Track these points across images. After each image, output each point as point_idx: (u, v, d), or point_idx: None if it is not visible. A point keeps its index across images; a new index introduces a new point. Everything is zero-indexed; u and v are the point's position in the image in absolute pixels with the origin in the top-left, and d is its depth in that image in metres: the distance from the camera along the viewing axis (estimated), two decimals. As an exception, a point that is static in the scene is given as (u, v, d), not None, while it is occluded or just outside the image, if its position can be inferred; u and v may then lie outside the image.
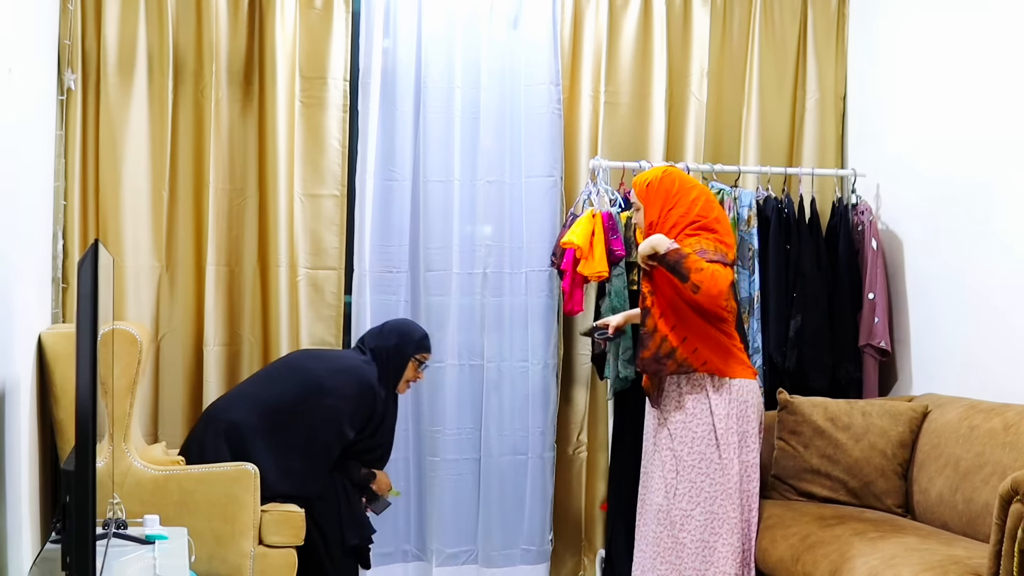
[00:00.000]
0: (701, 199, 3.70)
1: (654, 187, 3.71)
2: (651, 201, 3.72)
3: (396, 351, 3.93)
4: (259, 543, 3.72)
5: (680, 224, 3.66)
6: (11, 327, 3.05)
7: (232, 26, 4.39)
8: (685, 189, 3.71)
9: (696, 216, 3.66)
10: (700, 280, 3.51)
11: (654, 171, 3.81)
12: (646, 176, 3.78)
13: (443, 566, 4.56)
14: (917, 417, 3.93)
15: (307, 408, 3.76)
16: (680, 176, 3.76)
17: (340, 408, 3.78)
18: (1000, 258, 3.92)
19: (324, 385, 3.80)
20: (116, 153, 4.27)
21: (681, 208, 3.67)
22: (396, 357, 3.93)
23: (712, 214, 3.70)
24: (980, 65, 4.05)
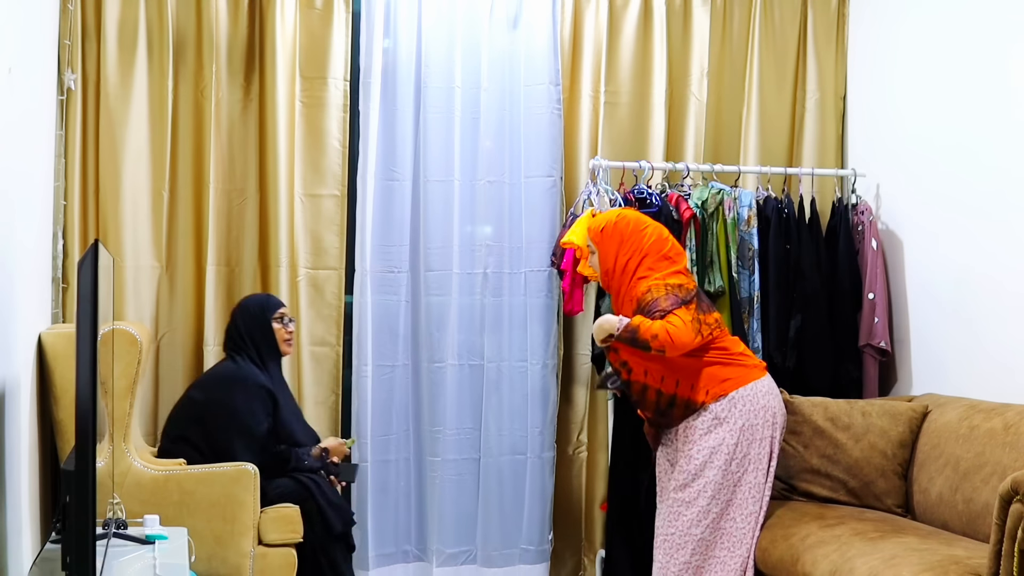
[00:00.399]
0: (653, 236, 3.77)
1: (608, 231, 3.79)
2: (605, 245, 3.80)
3: (256, 326, 4.00)
4: (259, 543, 3.73)
5: (632, 264, 3.73)
6: (11, 327, 3.05)
7: (232, 26, 4.39)
8: (638, 230, 3.77)
9: (647, 251, 3.73)
10: (660, 346, 3.57)
11: (608, 215, 3.88)
12: (599, 221, 3.86)
13: (443, 566, 4.55)
14: (917, 417, 3.93)
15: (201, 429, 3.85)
16: (634, 217, 3.84)
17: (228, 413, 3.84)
18: (1000, 258, 3.92)
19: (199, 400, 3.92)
20: (116, 153, 4.27)
21: (634, 248, 3.74)
22: (258, 331, 4.00)
23: (664, 248, 3.76)
24: (980, 65, 4.05)
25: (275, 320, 4.03)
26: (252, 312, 4.03)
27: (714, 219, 4.42)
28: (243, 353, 3.97)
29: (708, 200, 4.42)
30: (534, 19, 4.62)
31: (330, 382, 4.48)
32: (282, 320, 4.05)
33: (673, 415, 3.68)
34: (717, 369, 3.67)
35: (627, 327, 3.61)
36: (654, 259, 3.73)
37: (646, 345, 3.59)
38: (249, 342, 3.98)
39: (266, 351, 4.00)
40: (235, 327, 4.03)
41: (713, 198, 4.42)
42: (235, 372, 3.94)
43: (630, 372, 3.73)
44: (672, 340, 3.56)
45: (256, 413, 3.86)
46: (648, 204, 4.41)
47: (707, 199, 4.42)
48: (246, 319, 4.02)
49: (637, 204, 4.39)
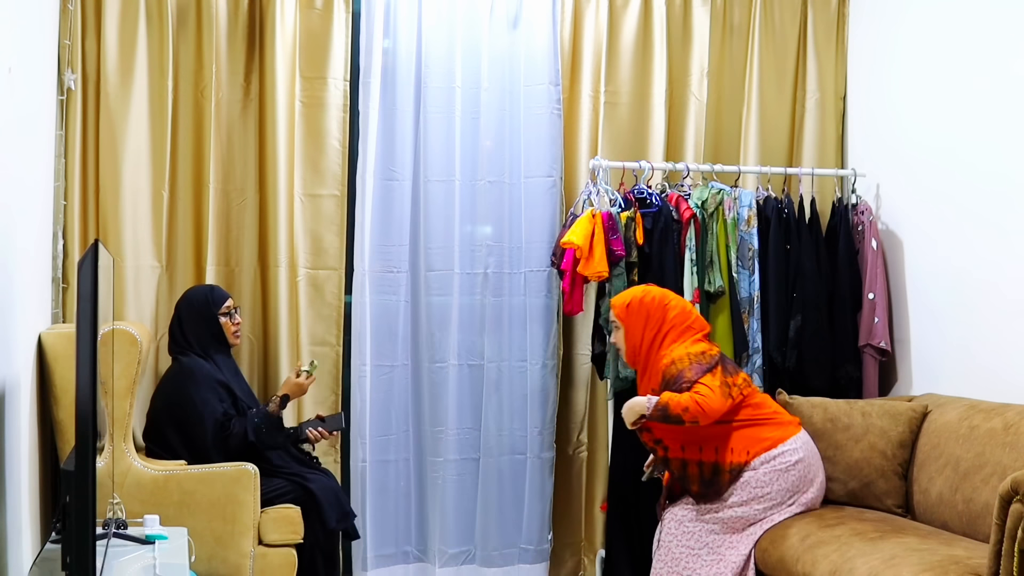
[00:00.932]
0: (677, 309, 3.84)
1: (634, 308, 3.85)
2: (631, 321, 3.85)
3: (202, 322, 3.99)
4: (259, 543, 3.73)
5: (658, 339, 3.80)
6: (11, 327, 3.05)
7: (232, 26, 4.39)
8: (663, 305, 3.84)
9: (672, 323, 3.79)
10: (692, 418, 3.60)
11: (633, 292, 3.93)
12: (624, 298, 3.91)
13: (444, 567, 4.55)
14: (917, 417, 3.93)
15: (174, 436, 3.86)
16: (659, 293, 3.89)
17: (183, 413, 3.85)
18: (1000, 257, 3.92)
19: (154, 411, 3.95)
20: (116, 153, 4.26)
21: (658, 322, 3.81)
22: (206, 326, 3.99)
23: (688, 320, 3.83)
24: (980, 64, 4.05)
25: (221, 314, 4.02)
26: (197, 307, 4.01)
27: (714, 219, 4.42)
28: (189, 351, 3.97)
29: (708, 200, 4.42)
30: (534, 19, 4.62)
31: (330, 382, 4.48)
32: (229, 314, 4.04)
33: (721, 483, 3.69)
34: (754, 430, 3.70)
35: (656, 406, 3.64)
36: (678, 331, 3.79)
37: (679, 419, 3.61)
38: (193, 339, 3.97)
39: (213, 346, 3.99)
40: (180, 326, 4.01)
41: (713, 198, 4.42)
42: (178, 373, 3.94)
43: (666, 450, 3.75)
44: (703, 410, 3.59)
45: (208, 402, 3.86)
46: (648, 204, 4.42)
47: (707, 199, 4.42)
48: (191, 315, 4.00)
49: (637, 204, 4.39)
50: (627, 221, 4.33)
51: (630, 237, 4.32)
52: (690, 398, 3.61)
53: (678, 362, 3.70)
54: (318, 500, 3.85)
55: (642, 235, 4.34)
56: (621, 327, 3.88)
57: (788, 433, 3.73)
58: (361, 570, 4.46)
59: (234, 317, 4.06)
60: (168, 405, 3.92)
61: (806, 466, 3.71)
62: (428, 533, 4.58)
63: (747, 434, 3.70)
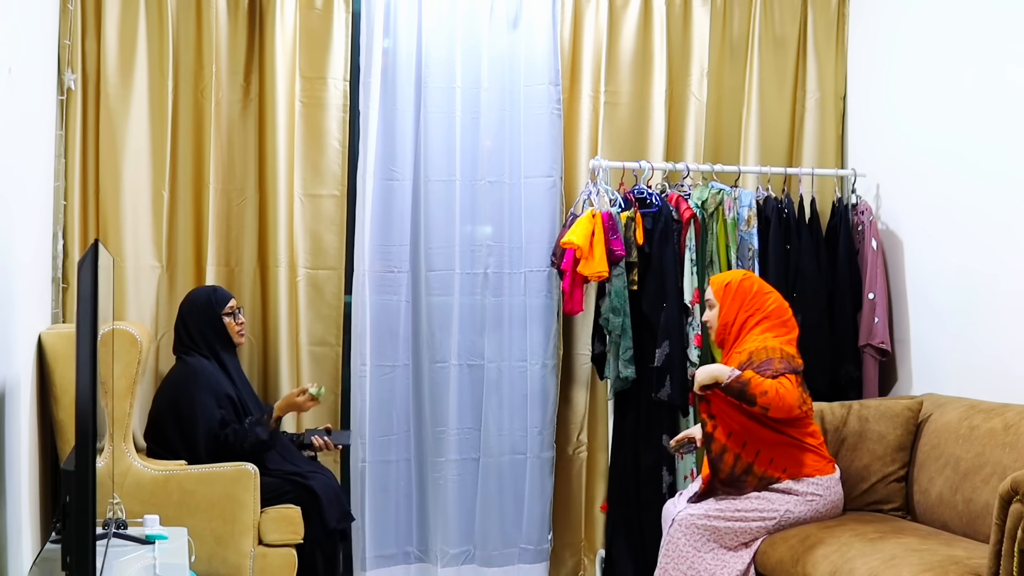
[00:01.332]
0: (776, 303, 3.84)
1: (732, 288, 3.84)
2: (727, 301, 3.83)
3: (206, 322, 4.00)
4: (259, 543, 3.73)
5: (751, 323, 3.79)
6: (11, 327, 3.05)
7: (232, 26, 4.39)
8: (762, 292, 3.84)
9: (769, 313, 3.80)
10: (767, 403, 3.57)
11: (733, 273, 3.94)
12: (725, 277, 3.91)
13: (445, 567, 4.55)
14: (913, 417, 3.92)
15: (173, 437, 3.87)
16: (759, 280, 3.91)
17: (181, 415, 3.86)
18: (1000, 257, 3.92)
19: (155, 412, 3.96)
20: (116, 153, 4.26)
21: (756, 307, 3.80)
22: (210, 327, 4.00)
23: (784, 316, 3.83)
24: (980, 64, 4.05)
25: (225, 315, 4.03)
26: (201, 308, 4.03)
27: (714, 219, 4.42)
28: (194, 351, 3.98)
29: (708, 200, 4.42)
30: (534, 19, 4.62)
31: (329, 382, 4.48)
32: (232, 314, 4.05)
33: (746, 483, 3.68)
34: (799, 452, 3.70)
35: (738, 377, 3.60)
36: (773, 322, 3.79)
37: (752, 399, 3.57)
38: (200, 339, 3.99)
39: (219, 345, 4.02)
40: (184, 327, 4.03)
41: (713, 198, 4.42)
42: (182, 373, 3.95)
43: (715, 428, 3.73)
44: (781, 400, 3.56)
45: (206, 405, 3.86)
46: (648, 204, 4.42)
47: (707, 199, 4.42)
48: (194, 316, 4.02)
49: (637, 204, 4.39)
50: (627, 221, 4.34)
51: (630, 237, 4.32)
52: (773, 384, 3.57)
53: (770, 351, 3.68)
54: (319, 499, 3.85)
55: (642, 235, 4.35)
56: (716, 305, 3.87)
57: (826, 470, 3.72)
58: (361, 570, 4.46)
59: (237, 317, 4.07)
60: (169, 405, 3.93)
61: (826, 506, 3.71)
62: (429, 533, 4.58)
63: (791, 453, 3.69)
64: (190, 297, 4.11)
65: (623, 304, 4.28)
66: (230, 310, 4.05)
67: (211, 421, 3.85)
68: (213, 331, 4.00)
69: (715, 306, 3.87)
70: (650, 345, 4.34)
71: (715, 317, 3.87)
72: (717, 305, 3.86)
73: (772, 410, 3.57)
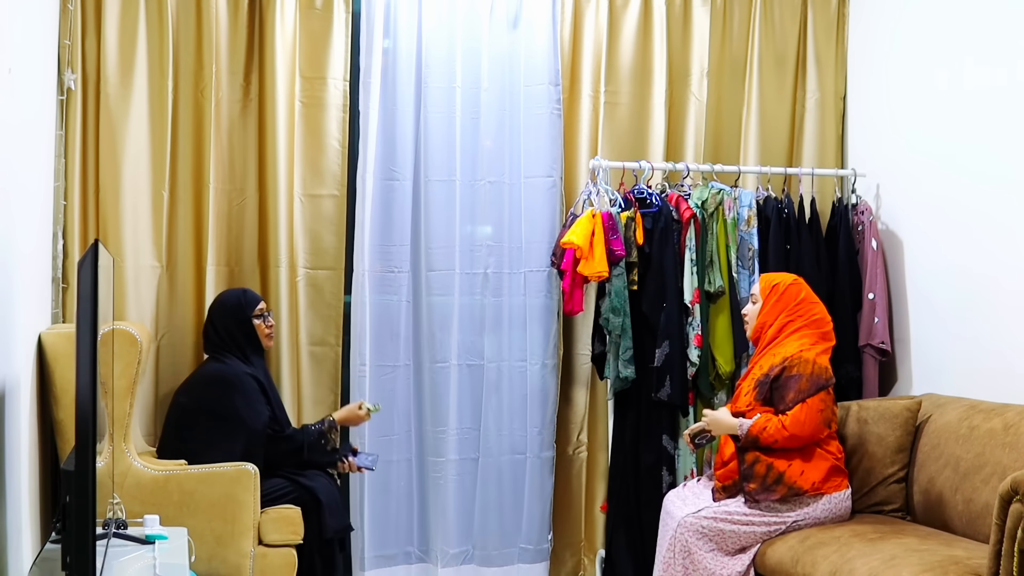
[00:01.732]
0: (818, 315, 3.87)
1: (779, 290, 3.87)
2: (772, 302, 3.87)
3: (235, 324, 4.00)
4: (259, 543, 3.73)
5: (791, 328, 3.83)
6: (11, 327, 3.05)
7: (232, 26, 4.39)
8: (808, 302, 3.88)
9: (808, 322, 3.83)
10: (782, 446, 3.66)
11: (784, 276, 3.97)
12: (775, 278, 3.94)
13: (445, 567, 4.55)
14: (912, 417, 3.92)
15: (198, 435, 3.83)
16: (807, 289, 3.92)
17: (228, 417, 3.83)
18: (1000, 257, 3.92)
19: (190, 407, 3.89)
20: (116, 153, 4.26)
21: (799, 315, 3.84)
22: (239, 328, 4.00)
23: (824, 328, 3.86)
24: (980, 64, 4.05)
25: (255, 317, 4.03)
26: (231, 310, 4.03)
27: (714, 219, 4.42)
28: (226, 351, 3.97)
29: (708, 200, 4.42)
30: (534, 19, 4.61)
31: (329, 382, 4.48)
32: (262, 316, 4.05)
33: (775, 493, 3.68)
34: (827, 465, 3.73)
35: (748, 435, 3.69)
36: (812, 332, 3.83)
37: (767, 448, 3.69)
38: (230, 341, 3.99)
39: (249, 348, 4.01)
40: (213, 328, 4.02)
41: (713, 198, 4.42)
42: (224, 371, 3.93)
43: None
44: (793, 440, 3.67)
45: (260, 413, 3.87)
46: (648, 204, 4.42)
47: (707, 199, 4.42)
48: (224, 318, 4.02)
49: (637, 204, 4.39)
50: (627, 221, 4.34)
51: (630, 237, 4.32)
52: (779, 430, 3.65)
53: (804, 364, 3.70)
54: (322, 504, 3.85)
55: (642, 235, 4.35)
56: (760, 302, 3.89)
57: (842, 485, 3.76)
58: (361, 570, 4.46)
59: (267, 319, 4.08)
60: (204, 406, 3.87)
61: (834, 519, 3.73)
62: (429, 533, 4.58)
63: (821, 466, 3.71)
64: (220, 299, 4.11)
65: (623, 304, 4.28)
66: (259, 312, 4.05)
67: (263, 422, 3.85)
68: (242, 333, 4.00)
69: (758, 302, 3.90)
70: (650, 345, 4.34)
71: (755, 314, 3.91)
72: (760, 302, 3.89)
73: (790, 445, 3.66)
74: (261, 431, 3.86)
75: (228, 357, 3.96)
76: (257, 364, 4.03)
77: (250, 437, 3.82)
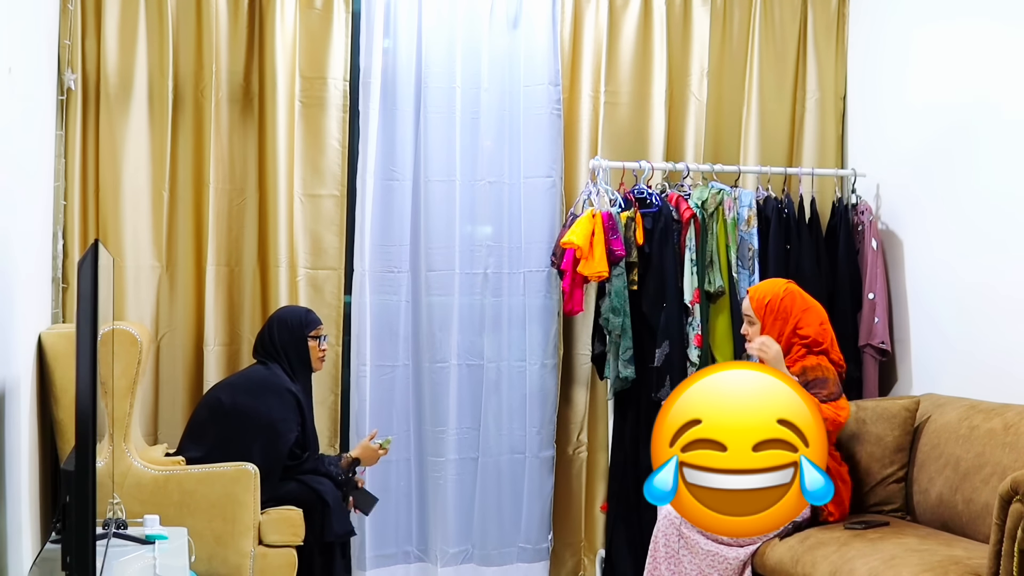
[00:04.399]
0: (817, 320, 3.78)
1: (773, 307, 3.79)
2: (769, 321, 3.79)
3: (291, 340, 3.98)
4: (259, 543, 3.73)
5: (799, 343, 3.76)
6: (11, 327, 3.05)
7: (232, 26, 4.39)
8: (803, 310, 3.79)
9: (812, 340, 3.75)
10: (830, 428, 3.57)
11: (773, 287, 3.85)
12: (764, 291, 3.84)
13: (445, 566, 4.55)
14: (911, 417, 3.92)
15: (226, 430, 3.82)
16: (800, 296, 3.83)
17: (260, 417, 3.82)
18: (1000, 257, 3.93)
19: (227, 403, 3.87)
20: (116, 153, 4.26)
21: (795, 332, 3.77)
22: (294, 345, 3.98)
23: (826, 340, 3.79)
24: (980, 64, 4.05)
25: (311, 338, 4.01)
26: (290, 326, 4.00)
27: (714, 219, 4.42)
28: (276, 361, 3.96)
29: (708, 200, 4.42)
30: (534, 19, 4.62)
31: (329, 382, 4.48)
32: (318, 339, 4.04)
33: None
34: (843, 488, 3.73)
35: None
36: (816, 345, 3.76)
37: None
38: (282, 353, 3.97)
39: (298, 365, 3.99)
40: (270, 336, 4.00)
41: (713, 198, 4.42)
42: (269, 378, 3.92)
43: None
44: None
45: (289, 421, 3.86)
46: (648, 204, 4.42)
47: (707, 199, 4.42)
48: (282, 331, 3.99)
49: (637, 204, 4.39)
50: (627, 221, 4.34)
51: (630, 237, 4.32)
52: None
53: (825, 369, 3.68)
54: (328, 506, 3.85)
55: (642, 235, 4.35)
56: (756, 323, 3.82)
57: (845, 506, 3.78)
58: (361, 570, 4.46)
59: (322, 343, 4.06)
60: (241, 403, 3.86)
61: None
62: (429, 533, 4.58)
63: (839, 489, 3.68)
64: (282, 312, 4.11)
65: (623, 304, 4.28)
66: (317, 334, 4.04)
67: (289, 437, 3.84)
68: (296, 350, 3.98)
69: (755, 323, 3.83)
70: (650, 345, 4.34)
71: (756, 335, 3.82)
72: (757, 324, 3.82)
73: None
74: (284, 445, 3.84)
75: (275, 366, 3.95)
76: (302, 382, 4.01)
77: (272, 445, 3.81)
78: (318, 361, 4.05)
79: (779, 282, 3.92)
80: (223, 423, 3.84)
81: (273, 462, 3.79)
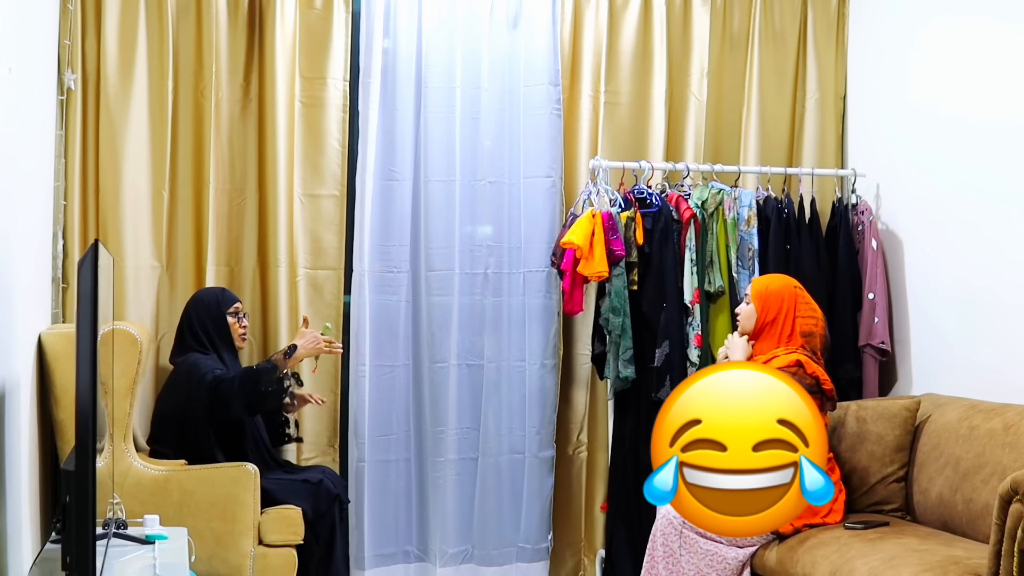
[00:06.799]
0: (812, 320, 3.83)
1: (773, 295, 3.84)
2: (767, 307, 3.83)
3: (209, 318, 4.03)
4: (259, 543, 3.73)
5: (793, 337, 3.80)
6: (11, 327, 3.05)
7: (232, 26, 4.39)
8: (802, 305, 3.84)
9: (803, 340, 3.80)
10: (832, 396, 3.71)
11: (778, 279, 3.92)
12: (768, 281, 3.90)
13: (444, 566, 4.55)
14: (911, 417, 3.92)
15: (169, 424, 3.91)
16: (801, 292, 3.88)
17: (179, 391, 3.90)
18: (1000, 258, 3.93)
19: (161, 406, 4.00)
20: (116, 153, 4.26)
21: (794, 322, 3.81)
22: (212, 324, 4.02)
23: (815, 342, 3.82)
24: (980, 64, 4.05)
25: (229, 315, 4.05)
26: (206, 304, 4.06)
27: (714, 219, 4.42)
28: (190, 352, 3.99)
29: (708, 200, 4.42)
30: (534, 19, 4.62)
31: (329, 382, 4.48)
32: (237, 315, 4.08)
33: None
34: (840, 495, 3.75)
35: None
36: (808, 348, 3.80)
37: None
38: (203, 337, 4.01)
39: (222, 346, 4.04)
40: (187, 322, 4.05)
41: (713, 198, 4.42)
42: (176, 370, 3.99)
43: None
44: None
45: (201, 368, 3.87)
46: (648, 204, 4.42)
47: (707, 199, 4.42)
48: (200, 312, 4.05)
49: (637, 204, 4.39)
50: (627, 221, 4.34)
51: (630, 237, 4.32)
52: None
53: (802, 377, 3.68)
54: (322, 481, 3.93)
55: (642, 235, 4.35)
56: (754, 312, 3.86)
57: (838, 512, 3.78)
58: (360, 569, 4.46)
59: (242, 320, 4.11)
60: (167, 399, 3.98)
61: None
62: (428, 532, 4.58)
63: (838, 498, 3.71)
64: (197, 295, 4.15)
65: (623, 304, 4.28)
66: (235, 311, 4.07)
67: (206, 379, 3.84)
68: (216, 330, 4.03)
69: (749, 304, 3.88)
70: (650, 345, 4.34)
71: (749, 316, 3.87)
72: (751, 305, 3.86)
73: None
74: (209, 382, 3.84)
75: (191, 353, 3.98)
76: (229, 361, 4.03)
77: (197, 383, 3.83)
78: (239, 339, 4.09)
79: (784, 278, 3.98)
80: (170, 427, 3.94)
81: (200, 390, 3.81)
